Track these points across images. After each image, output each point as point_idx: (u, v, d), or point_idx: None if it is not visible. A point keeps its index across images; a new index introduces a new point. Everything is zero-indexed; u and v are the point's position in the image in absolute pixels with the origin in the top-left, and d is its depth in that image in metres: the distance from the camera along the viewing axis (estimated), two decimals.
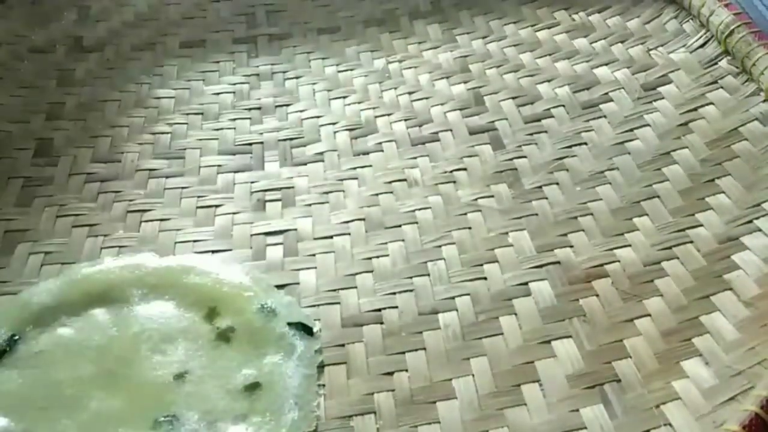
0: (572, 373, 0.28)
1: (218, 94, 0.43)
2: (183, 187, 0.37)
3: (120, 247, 0.34)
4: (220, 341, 0.30)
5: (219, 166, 0.38)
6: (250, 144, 0.40)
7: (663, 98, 0.39)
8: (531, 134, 0.38)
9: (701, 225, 0.32)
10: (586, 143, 0.37)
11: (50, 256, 0.34)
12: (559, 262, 0.32)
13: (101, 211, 0.36)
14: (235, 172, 0.38)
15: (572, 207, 0.34)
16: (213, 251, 0.34)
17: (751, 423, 0.24)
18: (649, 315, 0.29)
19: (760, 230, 0.31)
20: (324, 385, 0.28)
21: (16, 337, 0.30)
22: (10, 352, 0.30)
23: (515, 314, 0.30)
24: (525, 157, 0.37)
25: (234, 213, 0.36)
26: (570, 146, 0.37)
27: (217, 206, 0.36)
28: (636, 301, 0.30)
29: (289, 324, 0.30)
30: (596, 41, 0.43)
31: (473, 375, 0.28)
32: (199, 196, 0.37)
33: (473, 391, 0.28)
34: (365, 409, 0.27)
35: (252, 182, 0.37)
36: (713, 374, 0.27)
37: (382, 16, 0.47)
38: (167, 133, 0.41)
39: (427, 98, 0.41)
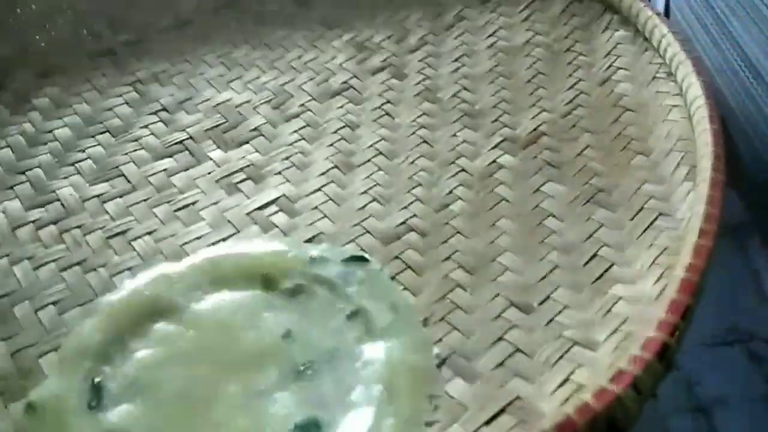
0: None
1: (110, 109, 0.42)
2: (145, 200, 0.37)
3: (128, 269, 0.33)
4: (294, 297, 0.32)
5: (164, 170, 0.38)
6: (181, 142, 0.40)
7: None
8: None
9: None
10: None
11: (62, 305, 0.32)
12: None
13: (78, 249, 0.34)
14: (184, 170, 0.38)
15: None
16: (223, 239, 0.35)
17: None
18: None
19: None
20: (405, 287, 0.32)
21: (97, 380, 0.29)
22: (100, 397, 0.28)
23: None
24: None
25: (215, 203, 0.36)
26: None
27: (193, 203, 0.36)
28: None
29: (344, 261, 0.33)
30: None
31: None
32: (168, 202, 0.37)
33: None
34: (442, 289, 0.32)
35: (208, 173, 0.38)
36: None
37: None
38: (86, 159, 0.39)
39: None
